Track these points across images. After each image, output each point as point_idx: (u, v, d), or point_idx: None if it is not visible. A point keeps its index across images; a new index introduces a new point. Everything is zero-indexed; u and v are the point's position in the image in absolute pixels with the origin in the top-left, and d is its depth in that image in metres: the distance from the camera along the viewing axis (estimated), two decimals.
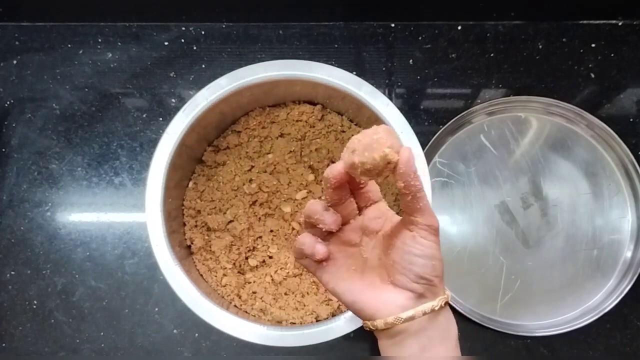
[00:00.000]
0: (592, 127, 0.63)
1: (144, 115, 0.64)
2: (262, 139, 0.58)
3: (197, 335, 0.58)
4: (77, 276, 0.60)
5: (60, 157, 0.63)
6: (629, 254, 0.60)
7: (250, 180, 0.56)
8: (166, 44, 0.66)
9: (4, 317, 0.59)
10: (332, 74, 0.51)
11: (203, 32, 0.66)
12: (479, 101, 0.64)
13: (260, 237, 0.56)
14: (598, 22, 0.66)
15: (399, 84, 0.65)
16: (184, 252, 0.54)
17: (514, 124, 0.63)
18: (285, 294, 0.54)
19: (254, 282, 0.54)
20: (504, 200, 0.61)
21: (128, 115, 0.64)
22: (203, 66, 0.65)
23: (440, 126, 0.62)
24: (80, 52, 0.66)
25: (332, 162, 0.57)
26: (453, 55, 0.66)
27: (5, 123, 0.64)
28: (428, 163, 0.60)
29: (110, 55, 0.66)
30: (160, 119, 0.64)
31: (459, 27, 0.66)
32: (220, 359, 0.58)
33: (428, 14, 0.66)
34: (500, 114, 0.63)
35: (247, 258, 0.55)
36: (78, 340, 0.59)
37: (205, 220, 0.55)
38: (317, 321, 0.52)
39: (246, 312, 0.53)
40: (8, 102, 0.65)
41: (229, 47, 0.66)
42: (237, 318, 0.46)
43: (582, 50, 0.66)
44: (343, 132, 0.58)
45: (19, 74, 0.65)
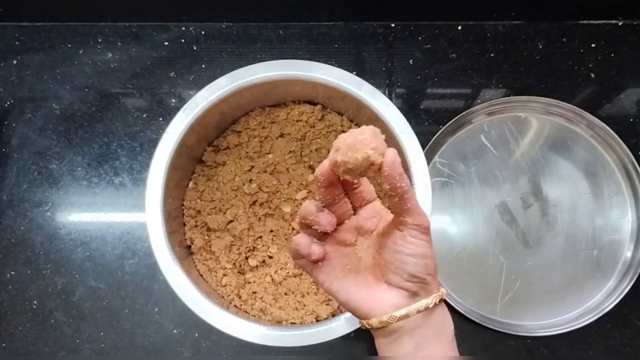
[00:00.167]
0: (592, 127, 0.63)
1: (144, 115, 0.64)
2: (262, 139, 0.58)
3: (197, 335, 0.58)
4: (77, 276, 0.60)
5: (60, 157, 0.63)
6: (629, 254, 0.60)
7: (250, 180, 0.56)
8: (166, 44, 0.66)
9: (4, 317, 0.59)
10: (332, 74, 0.51)
11: (203, 32, 0.66)
12: (479, 101, 0.64)
13: (260, 237, 0.56)
14: (598, 22, 0.66)
15: (399, 84, 0.65)
16: (184, 252, 0.54)
17: (514, 124, 0.63)
18: (285, 294, 0.54)
19: (254, 282, 0.54)
20: (504, 200, 0.61)
21: (128, 115, 0.64)
22: (203, 66, 0.65)
23: (440, 126, 0.62)
24: (80, 52, 0.66)
25: None
26: (453, 55, 0.66)
27: (5, 123, 0.64)
28: (428, 163, 0.60)
29: (110, 55, 0.66)
30: (160, 119, 0.64)
31: (459, 27, 0.66)
32: (220, 359, 0.58)
33: (428, 14, 0.66)
34: (500, 114, 0.63)
35: (247, 258, 0.55)
36: (78, 340, 0.59)
37: (205, 220, 0.55)
38: (317, 321, 0.52)
39: (246, 312, 0.53)
40: (8, 102, 0.65)
41: (229, 47, 0.66)
42: (237, 318, 0.46)
43: (582, 50, 0.66)
44: (343, 132, 0.57)
45: (19, 74, 0.65)
